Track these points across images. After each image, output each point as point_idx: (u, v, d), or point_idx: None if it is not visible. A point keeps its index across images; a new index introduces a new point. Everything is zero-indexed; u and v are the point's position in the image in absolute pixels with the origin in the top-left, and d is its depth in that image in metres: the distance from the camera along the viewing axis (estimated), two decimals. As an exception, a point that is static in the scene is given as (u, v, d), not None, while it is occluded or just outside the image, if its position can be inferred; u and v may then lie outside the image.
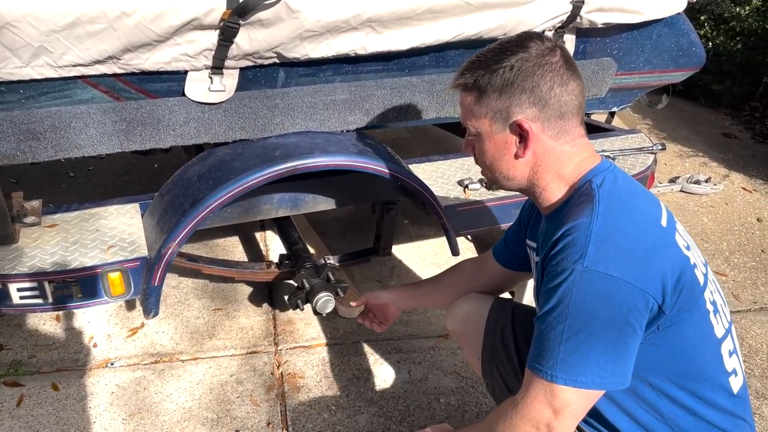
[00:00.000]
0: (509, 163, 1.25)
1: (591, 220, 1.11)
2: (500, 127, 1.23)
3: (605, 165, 1.25)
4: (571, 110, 1.21)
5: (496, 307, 1.61)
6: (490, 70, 1.21)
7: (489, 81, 1.21)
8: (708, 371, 1.21)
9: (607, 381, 1.10)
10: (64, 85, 1.70)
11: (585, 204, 1.15)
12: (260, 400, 2.07)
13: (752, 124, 4.63)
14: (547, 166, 1.24)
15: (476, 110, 1.24)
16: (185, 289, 2.59)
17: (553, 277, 1.12)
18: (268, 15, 1.70)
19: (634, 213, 1.16)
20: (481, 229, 2.28)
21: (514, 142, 1.23)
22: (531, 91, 1.19)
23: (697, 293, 1.17)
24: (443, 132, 3.62)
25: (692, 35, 2.47)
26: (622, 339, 1.09)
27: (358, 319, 1.89)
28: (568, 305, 1.08)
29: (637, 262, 1.09)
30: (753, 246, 3.14)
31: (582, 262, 1.08)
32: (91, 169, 3.55)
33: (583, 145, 1.25)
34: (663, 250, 1.13)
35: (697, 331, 1.18)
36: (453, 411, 2.06)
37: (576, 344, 1.08)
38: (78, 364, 2.20)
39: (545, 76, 1.18)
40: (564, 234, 1.13)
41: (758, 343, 2.44)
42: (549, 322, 1.11)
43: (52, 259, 1.77)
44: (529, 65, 1.19)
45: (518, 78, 1.19)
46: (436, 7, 1.87)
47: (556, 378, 1.09)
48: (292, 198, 2.07)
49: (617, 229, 1.11)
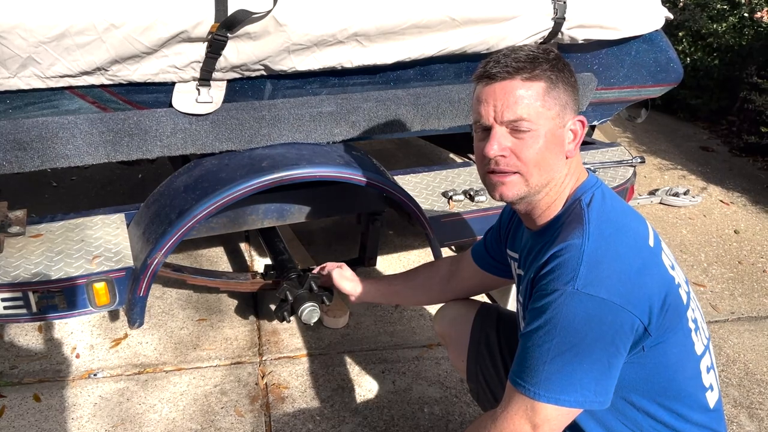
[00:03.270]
0: (559, 161, 1.22)
1: (582, 242, 1.12)
2: (561, 122, 1.20)
3: (592, 180, 1.26)
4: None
5: (481, 313, 1.63)
6: (554, 65, 1.19)
7: (559, 74, 1.20)
8: (688, 388, 1.23)
9: (589, 400, 1.11)
10: (51, 95, 1.71)
11: (575, 224, 1.16)
12: (245, 410, 2.07)
13: (729, 138, 4.73)
14: (574, 172, 1.25)
15: (546, 101, 1.18)
16: (170, 300, 2.58)
17: (542, 296, 1.13)
18: (255, 28, 1.72)
19: (624, 233, 1.17)
20: (465, 239, 2.31)
21: (567, 140, 1.22)
22: (577, 93, 1.23)
23: (681, 313, 1.19)
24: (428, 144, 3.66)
25: (670, 51, 2.53)
26: (606, 360, 1.10)
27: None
28: (556, 325, 1.09)
29: (628, 284, 1.10)
30: (730, 257, 3.20)
31: (573, 284, 1.09)
32: (74, 179, 3.53)
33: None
34: (651, 271, 1.15)
35: (680, 349, 1.20)
36: (437, 421, 2.07)
37: (561, 364, 1.09)
38: (60, 374, 2.18)
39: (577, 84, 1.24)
40: (555, 254, 1.14)
41: (736, 353, 2.49)
42: (535, 340, 1.12)
43: (37, 269, 1.76)
44: (571, 69, 1.24)
45: (575, 77, 1.23)
46: (421, 22, 1.91)
47: (539, 396, 1.11)
48: (278, 209, 2.08)
49: (609, 251, 1.12)
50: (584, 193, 1.22)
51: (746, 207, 3.74)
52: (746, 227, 3.50)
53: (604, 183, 1.28)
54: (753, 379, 2.35)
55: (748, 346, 2.53)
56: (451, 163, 2.91)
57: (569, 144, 1.22)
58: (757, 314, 2.75)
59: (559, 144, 1.20)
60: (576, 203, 1.21)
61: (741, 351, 2.50)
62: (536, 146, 1.18)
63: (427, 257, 2.92)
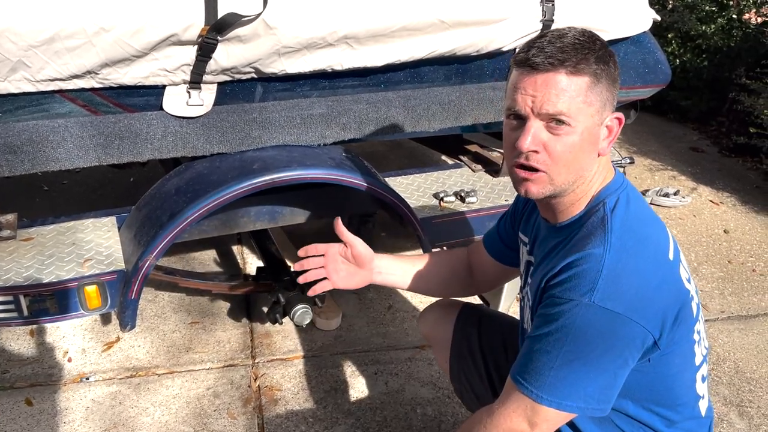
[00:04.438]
0: (591, 159, 1.16)
1: (603, 253, 1.09)
2: (600, 119, 1.14)
3: (618, 181, 1.22)
4: None
5: (464, 313, 1.64)
6: (600, 58, 1.12)
7: (605, 68, 1.12)
8: (683, 398, 1.24)
9: (591, 408, 1.11)
10: (41, 99, 1.71)
11: (597, 231, 1.13)
12: (237, 413, 2.07)
13: (719, 139, 4.76)
14: (602, 170, 1.20)
15: (588, 97, 1.10)
16: (162, 303, 2.58)
17: (556, 303, 1.11)
18: (245, 31, 1.73)
19: (645, 246, 1.14)
20: (457, 240, 2.32)
21: (602, 137, 1.16)
22: (618, 87, 1.17)
23: (690, 326, 1.19)
24: (419, 146, 3.66)
25: (658, 53, 2.55)
26: (613, 370, 1.10)
27: (296, 266, 1.53)
28: (568, 334, 1.08)
29: (645, 300, 1.08)
30: (720, 257, 3.23)
31: (590, 296, 1.06)
32: (65, 183, 3.52)
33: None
34: (669, 286, 1.13)
35: (682, 360, 1.20)
36: (430, 421, 2.08)
37: (568, 372, 1.09)
38: (52, 378, 2.18)
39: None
40: (574, 262, 1.11)
41: (725, 352, 2.51)
42: (544, 345, 1.11)
43: (28, 272, 1.76)
44: (615, 61, 1.16)
45: (618, 70, 1.16)
46: (411, 24, 1.92)
47: (541, 399, 1.11)
48: (270, 211, 2.09)
49: (629, 264, 1.09)
50: (609, 196, 1.18)
51: (736, 207, 3.77)
52: (736, 227, 3.53)
53: (630, 183, 1.24)
54: (743, 378, 2.37)
55: (738, 344, 2.56)
56: (442, 164, 2.92)
57: (603, 141, 1.16)
58: (747, 313, 2.77)
59: (594, 142, 1.14)
60: (600, 206, 1.17)
61: (731, 350, 2.52)
62: (571, 144, 1.11)
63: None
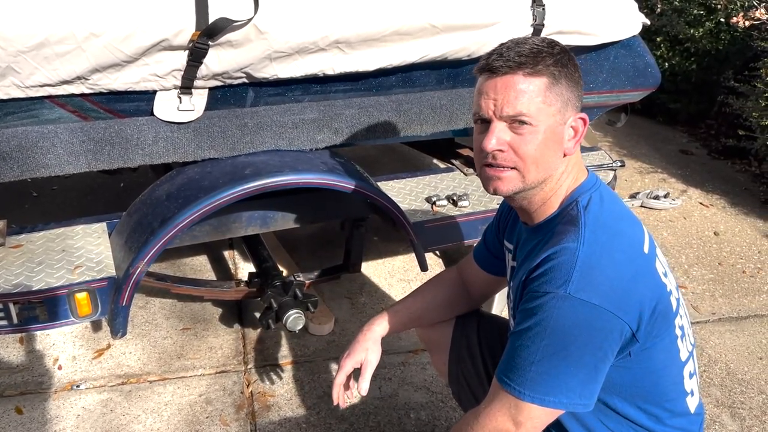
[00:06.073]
0: (557, 158, 1.20)
1: (577, 246, 1.12)
2: (562, 119, 1.18)
3: (591, 181, 1.25)
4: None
5: (462, 316, 1.64)
6: (558, 60, 1.17)
7: (563, 69, 1.17)
8: (670, 394, 1.25)
9: (573, 403, 1.13)
10: (31, 105, 1.69)
11: (571, 227, 1.16)
12: (230, 419, 2.06)
13: (708, 141, 4.79)
14: (572, 170, 1.23)
15: (547, 97, 1.16)
16: (153, 309, 2.56)
17: (534, 297, 1.13)
18: (237, 36, 1.72)
19: (619, 239, 1.16)
20: (449, 244, 2.32)
21: (567, 137, 1.20)
22: (580, 89, 1.21)
23: (669, 320, 1.20)
24: (411, 150, 3.67)
25: (648, 57, 2.57)
26: (593, 364, 1.11)
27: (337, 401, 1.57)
28: (546, 328, 1.10)
29: (619, 291, 1.10)
30: (710, 259, 3.24)
31: (565, 288, 1.09)
32: (55, 189, 3.50)
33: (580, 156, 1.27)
34: (644, 278, 1.15)
35: (665, 355, 1.21)
36: (423, 426, 2.08)
37: (548, 366, 1.11)
38: (43, 386, 2.15)
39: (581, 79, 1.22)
40: (549, 257, 1.14)
41: (717, 353, 2.52)
42: (524, 341, 1.13)
43: (17, 279, 1.74)
44: (576, 64, 1.21)
45: (579, 73, 1.21)
46: (402, 29, 1.92)
47: (524, 395, 1.12)
48: (262, 216, 2.08)
49: (603, 257, 1.12)
50: (582, 195, 1.21)
51: (725, 209, 3.80)
52: (726, 229, 3.55)
53: (604, 184, 1.26)
54: (734, 379, 2.38)
55: (729, 346, 2.57)
56: (434, 168, 2.92)
57: (568, 141, 1.20)
58: (738, 315, 2.79)
59: (558, 141, 1.19)
60: (573, 204, 1.21)
61: (722, 351, 2.54)
62: (535, 142, 1.16)
63: (411, 262, 2.93)
